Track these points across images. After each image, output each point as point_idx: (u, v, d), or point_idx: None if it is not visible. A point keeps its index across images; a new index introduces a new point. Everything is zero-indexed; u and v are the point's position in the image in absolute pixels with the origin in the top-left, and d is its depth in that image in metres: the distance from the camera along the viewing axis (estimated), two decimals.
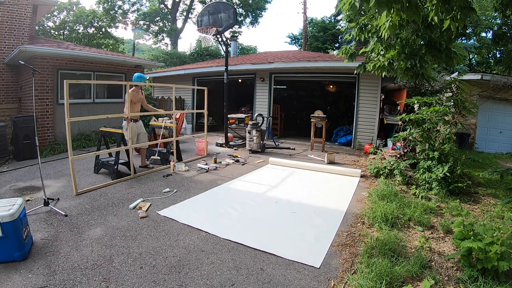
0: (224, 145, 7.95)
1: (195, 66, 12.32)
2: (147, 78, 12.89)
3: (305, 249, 2.74)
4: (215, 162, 6.01)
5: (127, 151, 4.85)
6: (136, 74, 5.23)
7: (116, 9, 22.33)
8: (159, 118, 7.71)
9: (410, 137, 5.19)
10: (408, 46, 4.78)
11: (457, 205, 3.70)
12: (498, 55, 13.94)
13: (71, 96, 7.67)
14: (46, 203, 3.41)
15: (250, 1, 25.61)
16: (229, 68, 8.11)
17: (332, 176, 5.34)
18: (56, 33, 19.30)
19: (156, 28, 25.14)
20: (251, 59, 11.52)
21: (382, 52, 5.07)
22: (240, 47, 23.34)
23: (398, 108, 8.08)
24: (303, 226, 3.22)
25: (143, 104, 5.42)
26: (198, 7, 24.47)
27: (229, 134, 8.23)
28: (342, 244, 2.85)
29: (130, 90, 4.96)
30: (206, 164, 5.77)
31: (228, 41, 9.62)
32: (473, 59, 17.57)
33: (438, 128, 5.11)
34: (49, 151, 6.62)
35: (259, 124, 7.70)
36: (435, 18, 3.15)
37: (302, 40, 22.22)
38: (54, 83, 7.10)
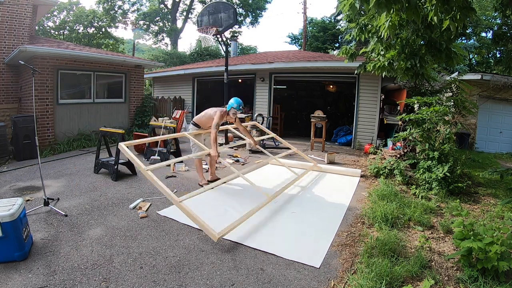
0: (224, 145, 7.94)
1: (195, 66, 12.31)
2: (151, 77, 12.92)
3: (305, 249, 2.74)
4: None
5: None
6: (237, 100, 4.42)
7: (116, 9, 22.34)
8: (159, 118, 7.71)
9: (410, 137, 5.19)
10: (408, 46, 4.79)
11: (457, 205, 3.70)
12: (498, 55, 13.94)
13: (70, 96, 7.71)
14: (46, 203, 3.41)
15: (250, 1, 25.60)
16: (229, 68, 8.11)
17: (332, 176, 5.34)
18: (56, 33, 19.32)
19: (156, 28, 25.15)
20: (251, 59, 11.51)
21: (382, 52, 5.08)
22: (240, 47, 23.34)
23: (398, 108, 8.09)
24: (303, 226, 3.22)
25: (240, 128, 4.84)
26: (198, 7, 24.48)
27: (229, 134, 8.23)
28: (342, 244, 2.85)
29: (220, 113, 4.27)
30: (206, 164, 5.77)
31: (228, 41, 9.62)
32: (473, 59, 17.57)
33: (438, 128, 5.11)
34: (49, 151, 6.62)
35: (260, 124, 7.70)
36: (435, 18, 3.15)
37: (302, 40, 22.22)
38: (54, 83, 7.10)
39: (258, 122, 7.90)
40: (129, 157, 3.35)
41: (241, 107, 4.48)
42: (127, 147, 3.60)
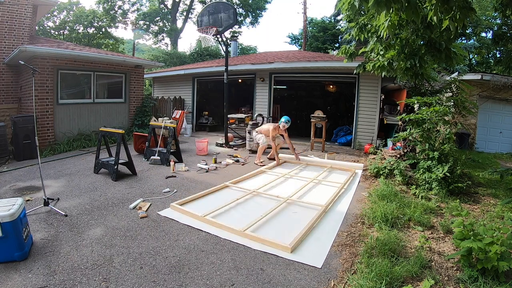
0: (224, 145, 7.95)
1: (195, 66, 12.31)
2: (151, 77, 12.96)
3: (306, 249, 2.74)
4: (215, 162, 6.01)
5: None
6: (286, 118, 6.22)
7: (116, 9, 22.35)
8: (159, 118, 7.71)
9: (410, 137, 5.18)
10: (407, 46, 4.79)
11: (457, 205, 3.69)
12: (498, 55, 13.94)
13: (70, 96, 7.71)
14: (46, 203, 3.41)
15: (250, 1, 25.61)
16: (229, 68, 8.11)
17: (333, 177, 5.34)
18: (56, 33, 19.32)
19: (156, 28, 25.16)
20: (251, 59, 11.51)
21: (381, 52, 5.08)
22: (240, 47, 23.35)
23: (398, 108, 8.09)
24: (303, 227, 3.21)
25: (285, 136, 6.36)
26: (198, 7, 24.50)
27: (229, 134, 8.23)
28: (342, 244, 2.85)
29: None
30: (206, 164, 5.77)
31: (228, 41, 9.62)
32: (473, 59, 17.56)
33: (438, 128, 5.10)
34: (49, 151, 6.62)
35: (259, 124, 7.70)
36: (434, 18, 3.15)
37: (302, 40, 22.24)
38: (54, 83, 7.10)
39: (258, 122, 7.90)
40: None
41: (289, 121, 6.22)
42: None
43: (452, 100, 5.55)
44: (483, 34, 14.45)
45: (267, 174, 5.45)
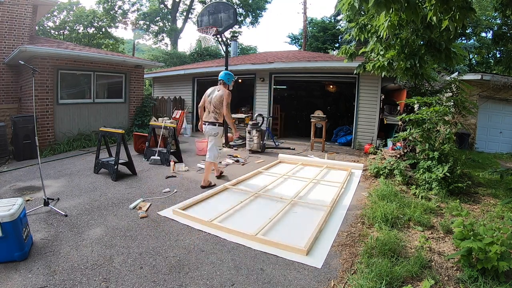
0: (224, 145, 7.94)
1: (195, 66, 12.31)
2: (151, 77, 12.94)
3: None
4: None
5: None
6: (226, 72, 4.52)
7: (116, 9, 22.37)
8: (159, 118, 7.71)
9: (410, 137, 5.18)
10: (407, 46, 4.79)
11: (457, 205, 3.69)
12: (498, 55, 13.94)
13: (70, 96, 7.71)
14: (46, 203, 3.41)
15: (250, 1, 25.62)
16: (229, 68, 8.10)
17: (333, 177, 5.34)
18: (56, 33, 19.33)
19: (156, 28, 25.18)
20: (251, 59, 11.51)
21: (381, 52, 5.08)
22: (240, 47, 23.34)
23: (398, 108, 8.09)
24: (304, 227, 3.22)
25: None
26: (198, 7, 24.51)
27: (229, 134, 8.24)
28: (342, 244, 2.85)
29: (228, 90, 4.42)
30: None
31: (228, 41, 9.61)
32: (473, 59, 17.56)
33: (438, 128, 5.11)
34: (49, 151, 6.62)
35: (259, 124, 7.70)
36: (434, 18, 3.15)
37: (302, 40, 22.24)
38: (54, 83, 7.10)
39: (258, 122, 7.90)
40: None
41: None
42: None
43: (452, 100, 5.55)
44: (483, 34, 14.46)
45: (264, 175, 5.39)
